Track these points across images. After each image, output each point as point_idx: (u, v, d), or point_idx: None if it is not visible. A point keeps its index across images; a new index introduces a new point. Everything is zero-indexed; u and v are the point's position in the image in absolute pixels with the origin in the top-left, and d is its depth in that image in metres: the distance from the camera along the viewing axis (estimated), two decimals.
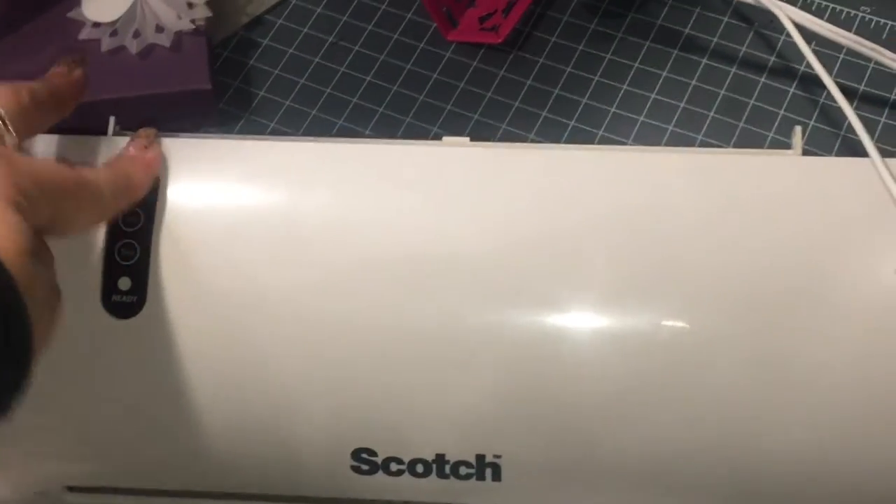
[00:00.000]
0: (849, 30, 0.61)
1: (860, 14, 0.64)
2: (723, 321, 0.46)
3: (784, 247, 0.46)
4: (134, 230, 0.48)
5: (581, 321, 0.46)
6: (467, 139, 0.52)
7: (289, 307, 0.47)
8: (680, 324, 0.46)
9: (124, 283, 0.47)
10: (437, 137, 0.53)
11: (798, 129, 0.51)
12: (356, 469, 0.47)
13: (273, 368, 0.47)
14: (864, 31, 0.63)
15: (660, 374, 0.46)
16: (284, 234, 0.47)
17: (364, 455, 0.47)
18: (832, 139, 0.61)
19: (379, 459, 0.47)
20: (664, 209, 0.47)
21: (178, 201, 0.48)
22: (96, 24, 0.62)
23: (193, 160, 0.49)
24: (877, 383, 0.45)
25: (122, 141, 0.49)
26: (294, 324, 0.46)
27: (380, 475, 0.47)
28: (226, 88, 0.65)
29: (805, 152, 0.51)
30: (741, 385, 0.45)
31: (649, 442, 0.46)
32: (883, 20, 0.64)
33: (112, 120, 0.51)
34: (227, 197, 0.49)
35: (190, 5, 0.62)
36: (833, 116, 0.61)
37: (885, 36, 0.63)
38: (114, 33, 0.62)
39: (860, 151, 0.59)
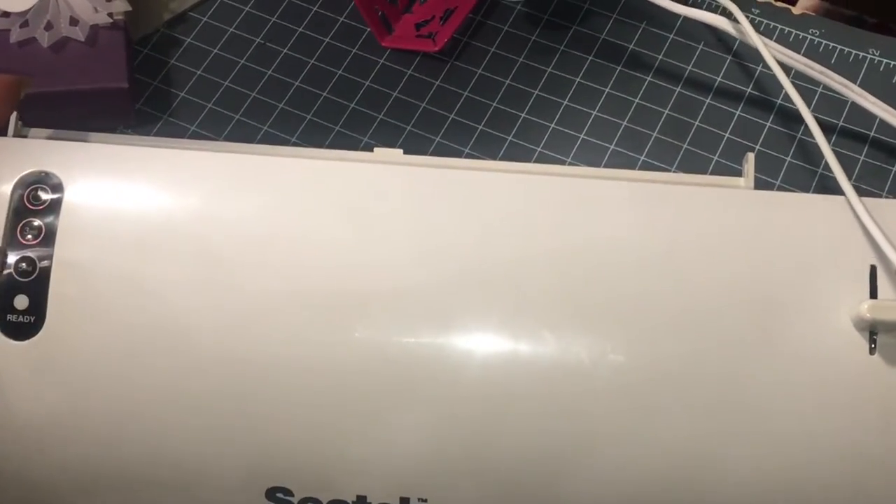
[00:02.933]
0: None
1: (809, 37, 0.62)
2: (667, 358, 0.43)
3: (736, 287, 0.44)
4: (34, 242, 0.44)
5: (516, 359, 0.43)
6: (400, 151, 0.49)
7: (201, 334, 0.43)
8: (623, 362, 0.43)
9: (21, 301, 0.43)
10: (368, 148, 0.50)
11: (751, 156, 0.48)
12: None
13: (182, 400, 0.43)
14: (812, 54, 0.61)
15: (599, 411, 0.43)
16: (199, 254, 0.44)
17: (279, 495, 0.44)
18: (778, 165, 0.59)
19: (295, 500, 0.44)
20: (608, 241, 0.45)
21: (83, 212, 0.45)
22: (5, 14, 0.58)
23: (102, 167, 0.46)
24: (824, 432, 0.43)
25: (23, 143, 0.46)
26: (205, 352, 0.43)
27: None
28: (144, 88, 0.62)
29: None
30: (687, 428, 0.43)
31: (589, 486, 0.43)
32: (832, 44, 0.62)
33: (14, 117, 0.47)
34: (138, 209, 0.45)
35: None
36: (780, 141, 0.59)
37: (833, 60, 0.62)
38: (24, 24, 0.58)
39: (808, 178, 0.58)
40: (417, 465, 0.43)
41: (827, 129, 0.60)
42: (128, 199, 0.45)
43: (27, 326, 0.43)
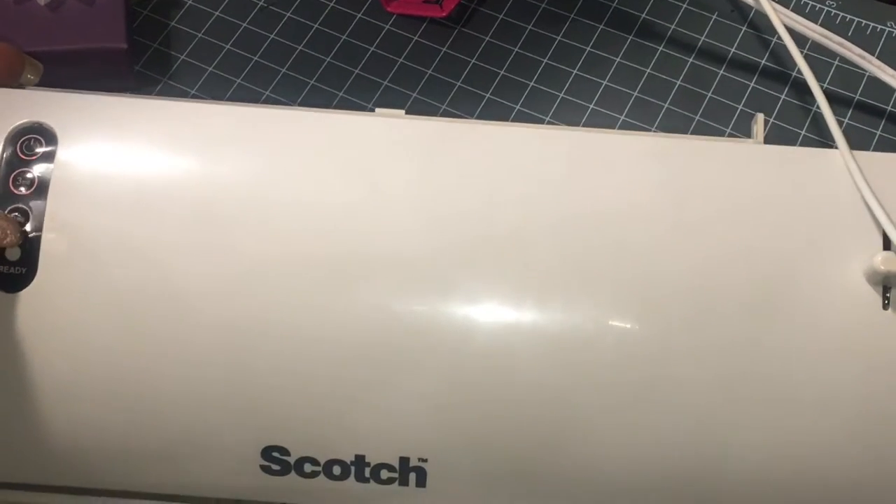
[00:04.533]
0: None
1: (826, 9, 0.61)
2: (677, 322, 0.42)
3: (746, 242, 0.42)
4: (26, 194, 0.43)
5: (520, 320, 0.42)
6: (402, 112, 0.47)
7: (195, 291, 0.42)
8: (629, 325, 0.42)
9: (13, 252, 0.42)
10: None
11: (760, 116, 0.47)
12: (266, 469, 0.42)
13: (175, 358, 0.42)
14: (829, 26, 0.60)
15: (605, 378, 0.42)
16: (196, 212, 0.42)
17: (275, 454, 0.42)
18: (792, 138, 0.57)
19: (292, 459, 0.42)
20: (617, 199, 0.43)
21: (77, 165, 0.43)
22: None
23: (98, 120, 0.44)
24: (839, 392, 0.41)
25: (18, 93, 0.44)
26: (200, 310, 0.42)
27: (292, 476, 0.43)
28: (143, 50, 0.60)
29: None
30: (694, 392, 0.42)
31: (590, 450, 0.42)
32: (849, 16, 0.61)
33: None
34: (134, 164, 0.43)
35: None
36: (795, 114, 0.58)
37: (850, 33, 0.60)
38: None
39: None
40: (418, 427, 0.42)
41: (843, 102, 0.58)
42: (124, 153, 0.44)
43: (18, 278, 0.42)
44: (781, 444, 0.41)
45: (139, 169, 0.43)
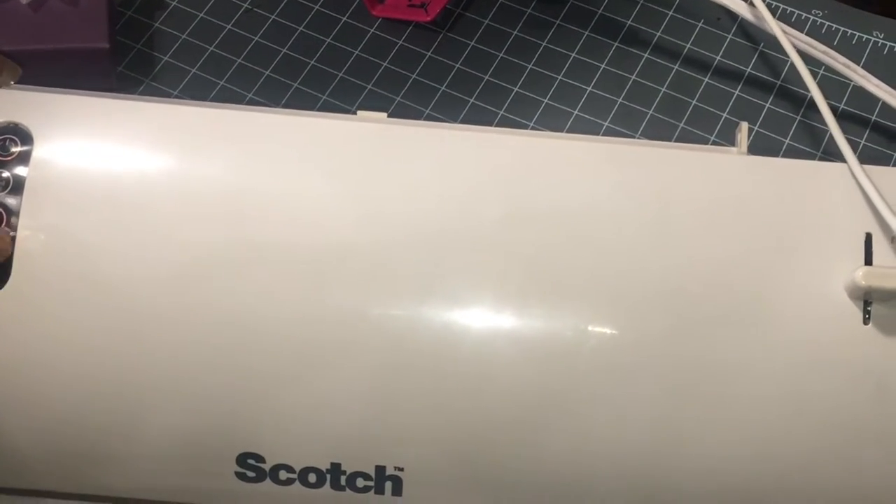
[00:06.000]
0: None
1: (811, 17, 0.61)
2: (655, 331, 0.42)
3: (725, 254, 0.42)
4: (0, 194, 0.42)
5: (495, 324, 0.41)
6: (384, 115, 0.47)
7: (170, 292, 0.41)
8: (608, 333, 0.42)
9: None
10: None
11: (744, 125, 0.47)
12: (241, 476, 0.42)
13: (151, 360, 0.41)
14: (814, 35, 0.60)
15: (579, 384, 0.42)
16: (171, 210, 0.42)
17: (251, 461, 0.42)
18: (776, 146, 0.57)
19: (267, 466, 0.42)
20: (593, 204, 0.43)
21: (53, 165, 0.43)
22: None
23: (74, 120, 0.44)
24: (817, 405, 0.41)
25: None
26: (176, 312, 0.41)
27: (267, 483, 0.42)
28: (126, 51, 0.60)
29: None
30: (665, 398, 0.42)
31: (566, 456, 0.42)
32: (835, 26, 0.61)
33: None
34: (110, 163, 0.43)
35: None
36: (779, 123, 0.58)
37: (836, 42, 0.60)
38: None
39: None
40: (393, 431, 0.41)
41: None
42: (100, 153, 0.44)
43: None
44: (759, 456, 0.41)
45: (115, 169, 0.43)
